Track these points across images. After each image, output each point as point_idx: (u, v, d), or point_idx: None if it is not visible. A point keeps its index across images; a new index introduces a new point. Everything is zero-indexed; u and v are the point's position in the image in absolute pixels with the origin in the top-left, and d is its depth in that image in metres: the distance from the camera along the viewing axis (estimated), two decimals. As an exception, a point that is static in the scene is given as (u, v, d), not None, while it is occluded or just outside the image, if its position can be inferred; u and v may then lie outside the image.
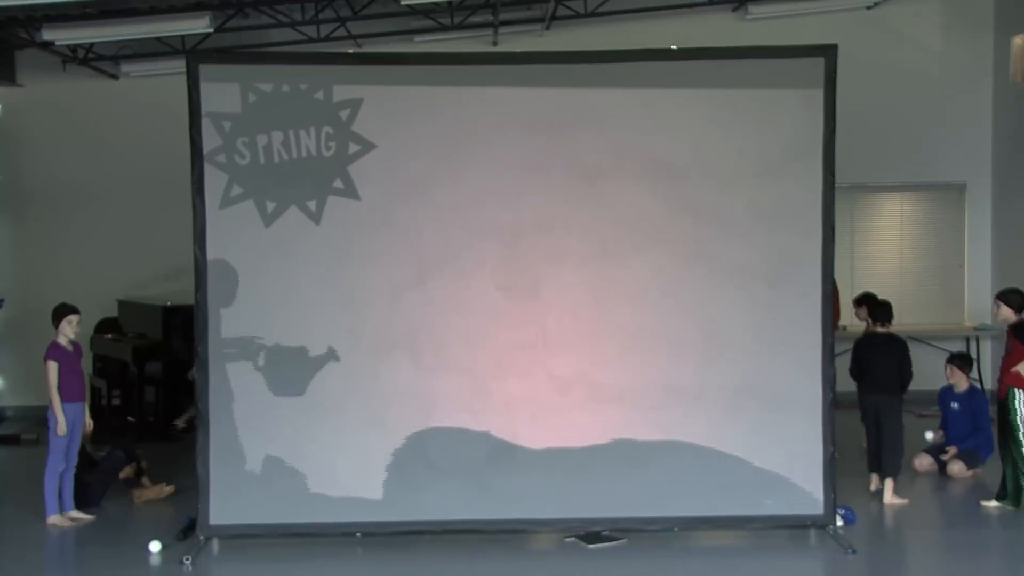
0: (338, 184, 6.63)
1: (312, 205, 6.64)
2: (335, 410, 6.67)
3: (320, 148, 6.62)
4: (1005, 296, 7.49)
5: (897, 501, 7.63)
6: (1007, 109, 11.80)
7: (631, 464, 6.69)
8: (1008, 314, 7.42)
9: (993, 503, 7.44)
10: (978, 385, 9.79)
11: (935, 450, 8.66)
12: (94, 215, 11.89)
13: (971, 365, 9.15)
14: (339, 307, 6.67)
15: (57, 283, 11.14)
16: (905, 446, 8.01)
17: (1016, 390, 7.28)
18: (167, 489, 8.10)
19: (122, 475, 8.07)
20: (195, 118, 6.59)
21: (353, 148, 6.63)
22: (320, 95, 6.62)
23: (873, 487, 7.92)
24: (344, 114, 6.62)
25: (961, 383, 8.69)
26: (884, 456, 7.77)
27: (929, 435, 8.52)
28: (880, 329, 8.10)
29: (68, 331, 7.35)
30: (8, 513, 7.79)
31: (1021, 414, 7.27)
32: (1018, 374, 7.28)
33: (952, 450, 8.51)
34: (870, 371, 7.97)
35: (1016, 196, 11.65)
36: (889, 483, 7.69)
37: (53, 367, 7.26)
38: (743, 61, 6.76)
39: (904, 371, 7.84)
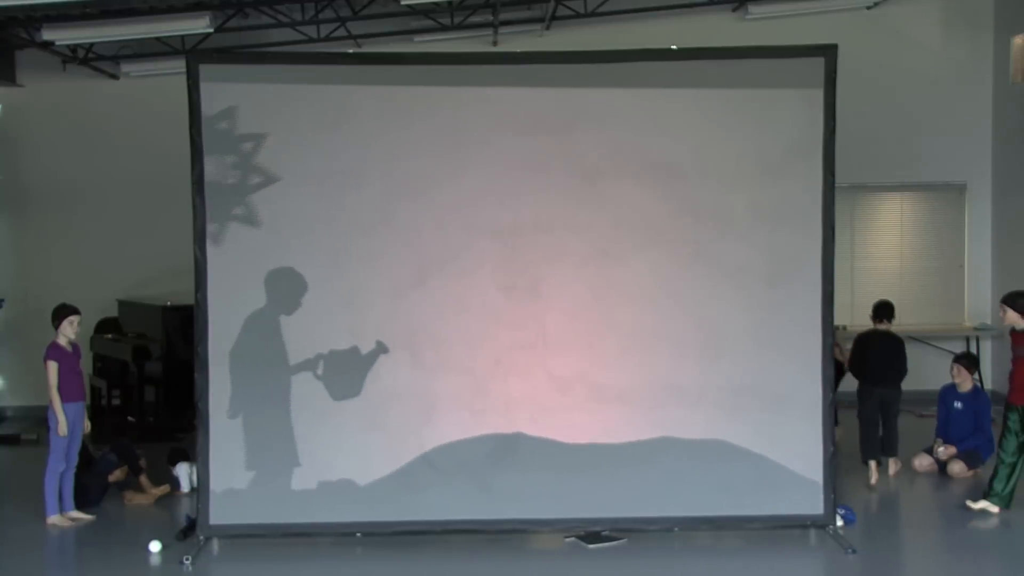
0: (239, 211, 6.62)
1: (214, 228, 6.63)
2: (335, 410, 6.67)
3: (224, 175, 6.61)
4: (1012, 300, 7.37)
5: (898, 472, 8.47)
6: (1007, 109, 11.80)
7: (631, 464, 6.69)
8: (1015, 319, 7.32)
9: (982, 503, 7.40)
10: (979, 385, 9.77)
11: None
12: (94, 215, 11.89)
13: (977, 365, 9.14)
14: (339, 307, 6.68)
15: (57, 283, 11.15)
16: (904, 445, 8.54)
17: None
18: (156, 491, 8.06)
19: (112, 478, 8.03)
20: (195, 118, 6.59)
21: (255, 179, 6.62)
22: (225, 125, 6.59)
23: (873, 481, 8.21)
24: (247, 147, 6.59)
25: (966, 383, 8.68)
26: (888, 442, 8.51)
27: (940, 450, 8.52)
28: (881, 326, 8.61)
29: (69, 332, 7.35)
30: (8, 513, 7.79)
31: None
32: None
33: (951, 449, 8.50)
34: (874, 366, 8.54)
35: (1016, 196, 11.65)
36: (892, 461, 8.47)
37: (53, 367, 7.26)
38: (743, 61, 6.76)
39: (903, 365, 8.55)
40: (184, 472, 8.18)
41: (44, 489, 7.30)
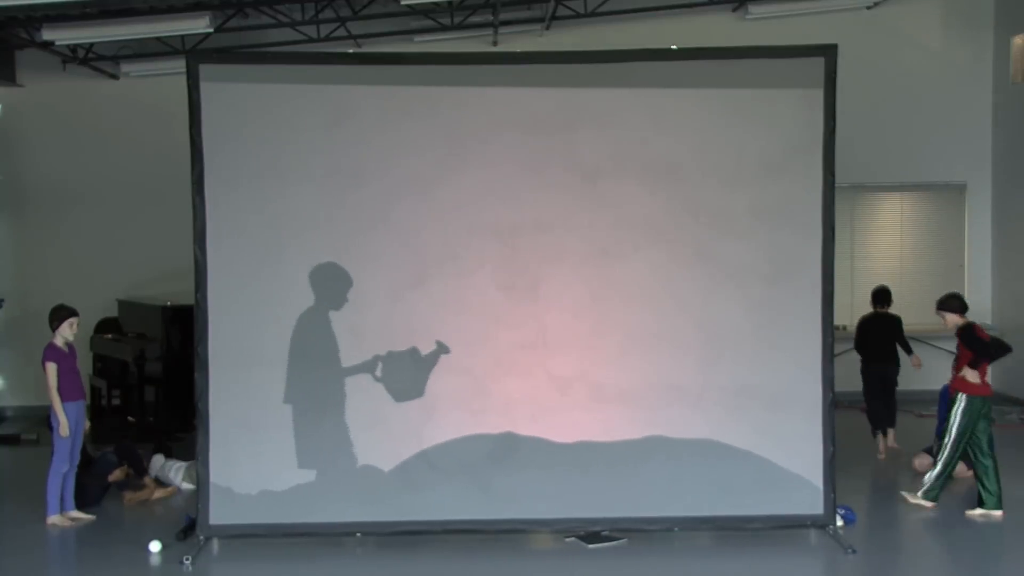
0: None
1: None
2: (335, 410, 6.67)
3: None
4: (946, 303, 7.70)
5: (896, 446, 9.14)
6: (1007, 109, 11.81)
7: (632, 464, 6.68)
8: (955, 319, 7.60)
9: (979, 510, 7.39)
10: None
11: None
12: (94, 215, 11.90)
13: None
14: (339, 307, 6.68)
15: (57, 283, 11.16)
16: (905, 444, 8.79)
17: (961, 394, 7.42)
18: (161, 492, 8.06)
19: (111, 478, 8.03)
20: (195, 118, 6.59)
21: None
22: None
23: (881, 449, 9.15)
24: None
25: None
26: (886, 413, 9.21)
27: None
28: (879, 309, 9.45)
29: (68, 333, 7.36)
30: (8, 513, 7.79)
31: (958, 417, 7.40)
32: (963, 379, 7.43)
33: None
34: (874, 345, 9.32)
35: (1016, 196, 11.66)
36: (891, 431, 9.18)
37: (52, 368, 7.26)
38: (743, 61, 6.76)
39: (903, 340, 9.36)
40: (159, 467, 8.33)
41: (47, 489, 7.31)
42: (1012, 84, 10.89)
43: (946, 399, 8.75)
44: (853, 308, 11.36)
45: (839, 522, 6.84)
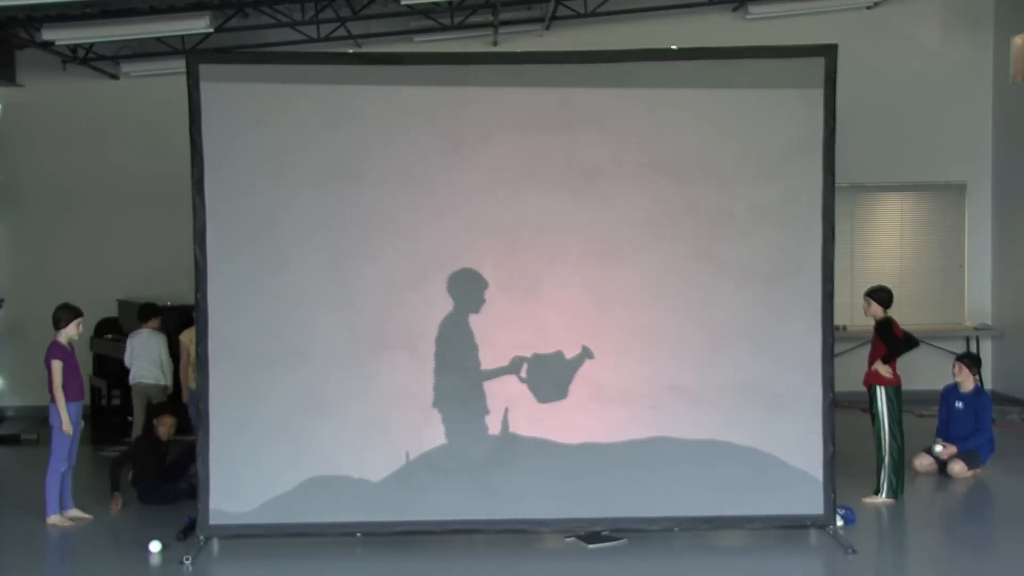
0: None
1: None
2: (335, 410, 6.67)
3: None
4: (875, 294, 7.79)
5: None
6: (1007, 109, 11.81)
7: (632, 464, 6.68)
8: (878, 311, 7.72)
9: (879, 499, 7.57)
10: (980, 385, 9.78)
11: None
12: (94, 215, 11.90)
13: (979, 365, 9.15)
14: (339, 307, 6.68)
15: (57, 283, 11.15)
16: (906, 444, 8.35)
17: (877, 386, 7.62)
18: None
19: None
20: (195, 118, 6.60)
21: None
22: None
23: None
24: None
25: (967, 382, 8.68)
26: None
27: (939, 448, 8.53)
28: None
29: (74, 333, 7.37)
30: (8, 513, 7.79)
31: (884, 408, 7.59)
32: (877, 372, 7.61)
33: (952, 448, 8.49)
34: None
35: (1016, 196, 11.65)
36: None
37: (58, 366, 7.25)
38: (743, 61, 6.76)
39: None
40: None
41: (46, 488, 7.31)
42: (1012, 84, 10.89)
43: (947, 399, 8.81)
44: (853, 308, 11.34)
45: (839, 522, 6.84)
